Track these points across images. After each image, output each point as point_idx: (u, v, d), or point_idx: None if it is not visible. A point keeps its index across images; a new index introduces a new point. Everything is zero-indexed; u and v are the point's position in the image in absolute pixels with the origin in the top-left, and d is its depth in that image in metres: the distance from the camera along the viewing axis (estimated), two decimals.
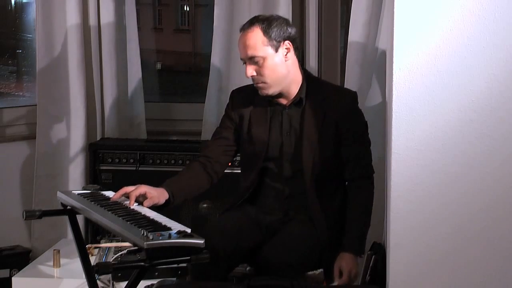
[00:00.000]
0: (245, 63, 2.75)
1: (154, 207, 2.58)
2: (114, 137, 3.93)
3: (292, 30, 2.77)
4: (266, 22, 2.72)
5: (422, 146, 2.27)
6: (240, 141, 2.90)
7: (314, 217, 2.78)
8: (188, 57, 4.81)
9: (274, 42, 2.71)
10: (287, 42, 2.73)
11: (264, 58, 2.70)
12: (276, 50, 2.71)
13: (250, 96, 2.85)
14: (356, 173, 2.81)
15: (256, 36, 2.70)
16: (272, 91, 2.76)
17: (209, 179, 2.87)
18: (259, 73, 2.72)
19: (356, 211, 2.77)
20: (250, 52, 2.70)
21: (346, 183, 2.85)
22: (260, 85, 2.75)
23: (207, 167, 2.86)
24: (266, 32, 2.70)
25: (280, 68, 2.73)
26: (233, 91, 3.00)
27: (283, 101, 2.82)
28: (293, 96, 2.81)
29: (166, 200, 2.69)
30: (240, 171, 3.00)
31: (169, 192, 2.69)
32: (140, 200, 2.58)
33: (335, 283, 2.70)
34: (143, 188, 2.61)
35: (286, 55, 2.74)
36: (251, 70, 2.73)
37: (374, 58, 3.42)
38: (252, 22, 2.74)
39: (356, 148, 2.80)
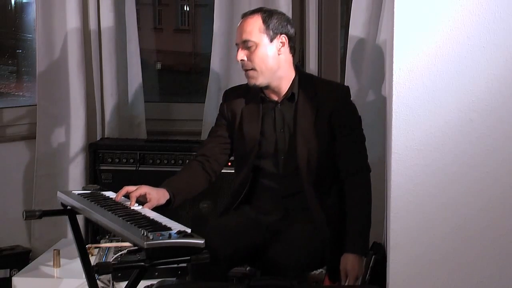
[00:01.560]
0: (238, 47, 2.76)
1: (155, 207, 2.58)
2: (114, 137, 3.93)
3: (291, 29, 2.78)
4: (268, 12, 2.76)
5: (422, 146, 2.27)
6: (233, 140, 2.91)
7: (314, 214, 2.77)
8: (188, 57, 4.81)
9: (271, 33, 2.72)
10: (283, 36, 2.74)
11: (257, 45, 2.71)
12: (271, 41, 2.73)
13: (242, 95, 2.87)
14: (351, 168, 2.79)
15: (255, 22, 2.73)
16: (260, 81, 2.75)
17: (208, 178, 2.88)
18: (249, 58, 2.73)
19: (355, 209, 2.75)
20: (245, 36, 2.72)
21: (342, 179, 2.82)
22: (249, 72, 2.75)
23: (205, 166, 2.86)
24: (265, 21, 2.72)
25: (271, 60, 2.74)
26: (226, 90, 3.01)
27: (275, 97, 2.83)
28: (284, 92, 2.81)
29: (167, 200, 2.69)
30: None
31: (170, 193, 2.70)
32: (140, 200, 2.58)
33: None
34: (144, 189, 2.61)
35: (280, 49, 2.74)
36: (242, 55, 2.74)
37: (374, 58, 3.42)
38: (255, 10, 2.79)
39: (350, 143, 2.79)
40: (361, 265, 2.71)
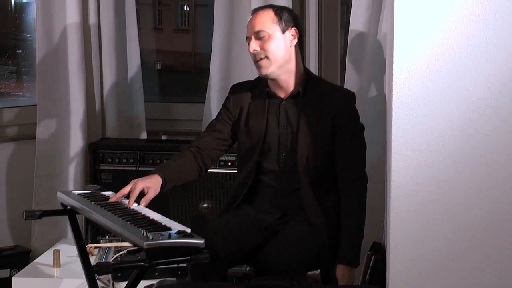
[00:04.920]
0: (250, 40, 2.76)
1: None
2: (114, 137, 3.93)
3: (301, 25, 2.86)
4: (279, 7, 2.84)
5: (422, 146, 2.27)
6: (236, 134, 2.91)
7: (310, 215, 2.77)
8: (188, 57, 4.81)
9: (283, 24, 2.76)
10: (294, 29, 2.78)
11: (269, 35, 2.74)
12: (283, 32, 2.76)
13: (249, 90, 2.88)
14: (347, 175, 2.78)
15: (267, 14, 2.77)
16: (271, 70, 2.76)
17: (198, 171, 2.88)
18: (262, 47, 2.75)
19: (348, 220, 2.74)
20: (258, 27, 2.75)
21: (338, 185, 2.81)
22: (262, 62, 2.76)
23: (197, 159, 2.86)
24: (277, 13, 2.77)
25: (283, 50, 2.77)
26: (233, 85, 3.01)
27: (281, 94, 2.83)
28: (291, 89, 2.82)
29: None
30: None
31: (162, 178, 2.70)
32: (141, 192, 2.60)
33: None
34: (139, 185, 2.61)
35: (291, 41, 2.78)
36: (254, 45, 2.75)
37: (374, 58, 3.42)
38: (266, 5, 2.85)
39: (350, 149, 2.79)
40: (351, 276, 2.72)
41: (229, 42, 3.85)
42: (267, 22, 2.75)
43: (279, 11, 2.79)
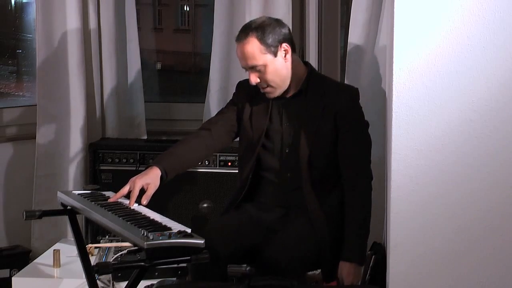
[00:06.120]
0: (247, 70, 2.78)
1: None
2: (114, 137, 3.93)
3: (285, 30, 2.79)
4: (260, 29, 2.72)
5: (422, 146, 2.27)
6: (239, 128, 2.92)
7: (312, 214, 2.77)
8: (188, 57, 4.81)
9: (272, 48, 2.73)
10: (284, 44, 2.75)
11: (265, 66, 2.73)
12: (275, 55, 2.74)
13: (254, 87, 2.87)
14: (352, 171, 2.78)
15: (253, 46, 2.72)
16: (278, 92, 2.80)
17: (205, 153, 2.91)
18: (262, 79, 2.76)
19: (354, 217, 2.74)
20: (251, 62, 2.73)
21: (342, 182, 2.82)
22: (267, 89, 2.79)
23: (207, 141, 2.86)
24: (262, 40, 2.71)
25: (282, 71, 2.76)
26: (239, 82, 3.02)
27: (285, 94, 2.85)
28: (293, 88, 2.83)
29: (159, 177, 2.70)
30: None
31: (161, 170, 2.70)
32: (141, 189, 2.60)
33: None
34: (138, 184, 2.61)
35: (285, 56, 2.76)
36: (254, 78, 2.76)
37: (374, 58, 3.42)
38: (246, 32, 2.74)
39: (353, 145, 2.79)
40: (357, 274, 2.71)
41: (229, 42, 3.85)
42: (257, 54, 2.71)
43: (262, 36, 2.70)
